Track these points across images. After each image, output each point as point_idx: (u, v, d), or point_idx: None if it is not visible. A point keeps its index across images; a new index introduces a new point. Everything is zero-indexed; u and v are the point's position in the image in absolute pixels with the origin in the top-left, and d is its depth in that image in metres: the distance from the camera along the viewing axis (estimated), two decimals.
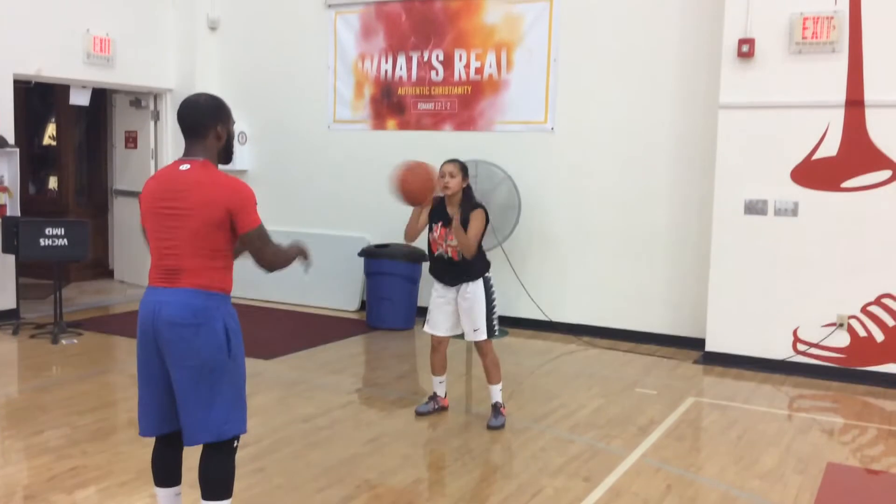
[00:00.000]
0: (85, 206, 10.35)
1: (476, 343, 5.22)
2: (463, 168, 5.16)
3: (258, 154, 9.46)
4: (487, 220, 5.13)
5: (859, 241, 6.40)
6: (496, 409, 5.25)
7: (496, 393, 5.26)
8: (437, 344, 5.31)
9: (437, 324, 5.25)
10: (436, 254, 5.20)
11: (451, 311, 5.21)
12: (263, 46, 9.35)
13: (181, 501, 3.41)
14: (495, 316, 5.22)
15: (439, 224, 5.15)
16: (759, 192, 6.69)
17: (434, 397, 5.45)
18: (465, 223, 5.04)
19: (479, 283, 5.16)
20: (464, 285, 5.13)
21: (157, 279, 3.16)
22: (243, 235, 3.13)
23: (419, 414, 5.36)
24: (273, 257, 3.24)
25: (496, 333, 5.24)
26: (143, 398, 3.24)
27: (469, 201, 5.15)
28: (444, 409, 5.46)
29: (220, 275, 3.13)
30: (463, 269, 5.12)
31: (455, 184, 5.09)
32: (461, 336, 5.34)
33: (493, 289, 5.22)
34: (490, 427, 5.15)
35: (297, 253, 3.42)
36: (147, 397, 3.22)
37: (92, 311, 8.55)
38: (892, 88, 6.25)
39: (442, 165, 5.16)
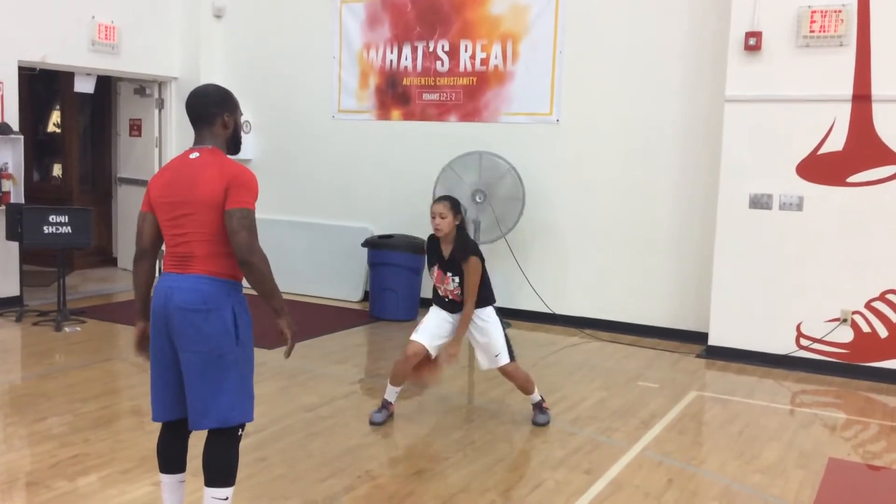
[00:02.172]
0: (89, 194, 10.35)
1: (501, 370, 5.02)
2: (454, 206, 4.89)
3: (262, 143, 9.45)
4: (482, 263, 4.95)
5: (864, 236, 6.38)
6: (539, 406, 5.16)
7: (535, 397, 5.16)
8: (412, 355, 4.95)
9: (428, 333, 4.97)
10: (439, 293, 5.05)
11: (448, 326, 5.00)
12: (268, 35, 9.33)
13: (185, 489, 3.42)
14: (509, 338, 5.05)
15: (436, 266, 5.00)
16: (764, 186, 6.66)
17: (387, 404, 5.11)
18: (459, 266, 4.88)
19: (489, 309, 5.00)
20: (477, 311, 4.95)
21: (170, 265, 3.20)
22: (228, 210, 3.04)
23: (374, 424, 5.01)
24: (249, 247, 3.04)
25: (515, 354, 5.05)
26: (155, 383, 3.26)
27: (462, 242, 4.92)
28: (391, 415, 5.15)
29: (230, 261, 3.14)
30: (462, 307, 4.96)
31: (446, 224, 4.85)
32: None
33: (506, 332, 5.06)
34: (536, 424, 5.09)
35: (284, 306, 3.23)
36: (159, 383, 3.24)
37: (95, 299, 8.56)
38: None
39: (432, 205, 4.94)
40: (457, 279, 4.93)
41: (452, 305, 5.01)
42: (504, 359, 4.98)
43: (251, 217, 3.09)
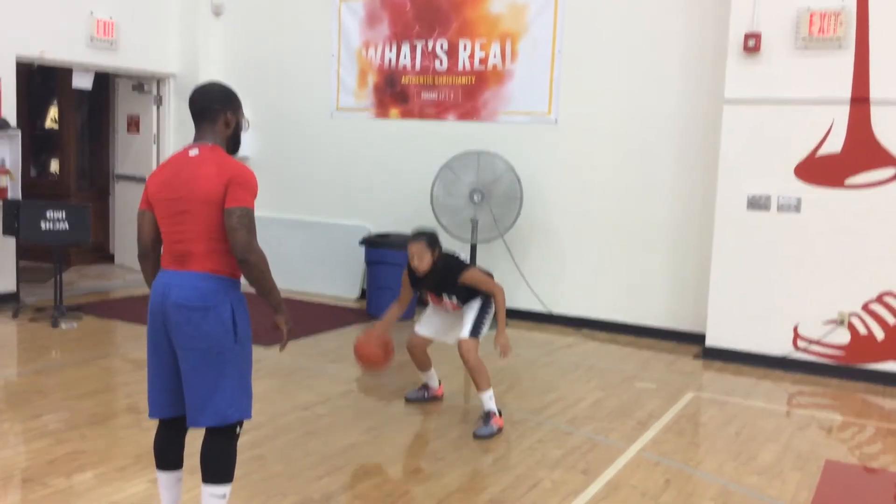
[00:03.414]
0: (86, 190, 10.33)
1: (459, 345, 4.93)
2: (430, 244, 4.85)
3: (260, 141, 9.44)
4: (471, 266, 5.03)
5: (862, 238, 6.38)
6: (488, 417, 4.91)
7: (486, 401, 4.91)
8: (413, 347, 5.21)
9: (428, 323, 5.19)
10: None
11: (447, 324, 5.16)
12: (267, 32, 9.32)
13: (181, 486, 3.41)
14: (484, 324, 5.01)
15: (428, 293, 5.07)
16: (762, 188, 6.67)
17: (426, 387, 5.42)
18: (452, 286, 4.90)
19: (478, 300, 5.02)
20: (471, 301, 5.04)
21: (168, 262, 3.19)
22: (228, 209, 3.04)
23: (408, 400, 5.33)
24: (248, 245, 3.04)
25: (478, 335, 4.94)
26: (152, 380, 3.26)
27: (446, 270, 4.89)
28: (437, 398, 5.40)
29: (229, 259, 3.13)
30: (466, 307, 5.05)
31: (425, 264, 4.85)
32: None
33: (488, 313, 5.05)
34: (476, 436, 4.82)
35: (282, 303, 3.26)
36: (156, 380, 3.24)
37: (92, 296, 8.55)
38: None
39: (409, 245, 4.91)
40: (454, 297, 4.99)
41: (456, 312, 5.13)
42: (464, 333, 4.91)
43: (250, 215, 3.08)
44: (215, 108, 3.22)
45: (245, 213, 3.06)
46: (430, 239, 4.91)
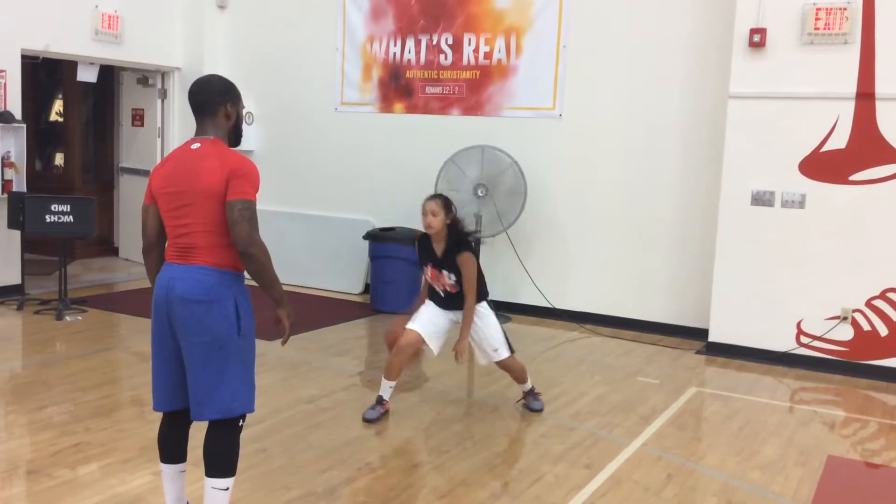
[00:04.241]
0: (91, 184, 10.35)
1: (500, 363, 5.07)
2: (446, 205, 4.90)
3: (265, 135, 9.44)
4: (476, 258, 4.99)
5: (866, 234, 6.38)
6: (532, 392, 5.27)
7: (527, 385, 5.27)
8: (405, 345, 4.92)
9: (423, 322, 4.96)
10: (436, 288, 5.05)
11: (442, 324, 5.02)
12: (272, 26, 9.31)
13: (185, 478, 3.43)
14: (507, 334, 5.12)
15: (429, 265, 4.99)
16: (766, 184, 6.66)
17: (381, 402, 5.04)
18: (453, 262, 4.89)
19: (483, 304, 5.03)
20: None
21: (172, 256, 3.20)
22: (230, 202, 3.03)
23: (367, 421, 4.93)
24: (250, 238, 3.03)
25: (512, 344, 5.12)
26: (156, 374, 3.27)
27: (455, 239, 4.91)
28: (387, 412, 5.09)
29: (233, 252, 3.14)
30: (460, 298, 4.95)
31: (438, 223, 4.85)
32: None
33: (501, 322, 5.14)
34: (532, 410, 5.21)
35: (284, 296, 3.25)
36: (160, 373, 3.25)
37: (96, 289, 8.57)
38: None
39: (424, 202, 4.92)
40: (453, 276, 4.94)
41: (449, 300, 5.01)
42: (504, 353, 5.04)
43: (252, 208, 3.08)
44: (215, 101, 3.22)
45: (246, 206, 3.06)
46: (446, 200, 4.96)
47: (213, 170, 3.08)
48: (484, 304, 5.06)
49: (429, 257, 5.01)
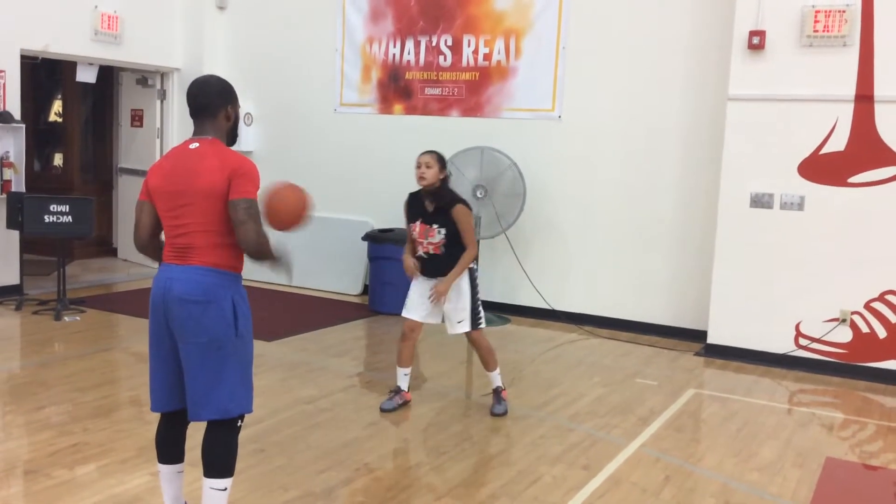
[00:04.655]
0: (90, 184, 10.35)
1: (469, 336, 5.11)
2: (440, 159, 4.99)
3: (264, 135, 9.45)
4: (470, 210, 5.00)
5: (864, 236, 6.38)
6: (497, 394, 5.24)
7: (495, 378, 5.24)
8: (409, 331, 5.10)
9: (414, 307, 5.06)
10: (417, 252, 5.05)
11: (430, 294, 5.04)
12: (271, 27, 9.32)
13: (182, 479, 3.42)
14: (479, 306, 5.09)
15: (418, 222, 5.00)
16: (765, 186, 6.66)
17: (398, 391, 5.21)
18: (445, 216, 4.92)
19: (464, 275, 5.02)
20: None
21: (169, 256, 3.19)
22: (232, 201, 3.05)
23: (385, 411, 5.10)
24: (257, 236, 3.06)
25: (481, 324, 5.09)
26: (153, 374, 3.27)
27: (447, 194, 4.97)
28: (407, 402, 5.25)
29: (230, 252, 3.14)
30: (445, 261, 4.95)
31: (431, 174, 4.92)
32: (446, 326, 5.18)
33: (478, 279, 5.10)
34: (494, 414, 5.15)
35: (282, 254, 3.25)
36: (158, 373, 3.25)
37: (95, 289, 8.57)
38: None
39: (419, 156, 5.00)
40: (443, 231, 4.93)
41: (434, 264, 4.98)
42: (465, 327, 5.04)
43: (256, 206, 3.10)
44: (216, 104, 3.23)
45: (251, 205, 3.07)
46: (440, 156, 5.04)
47: (212, 170, 3.09)
48: (465, 274, 5.01)
49: (419, 213, 5.02)
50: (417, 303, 5.07)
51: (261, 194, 3.17)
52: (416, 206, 5.07)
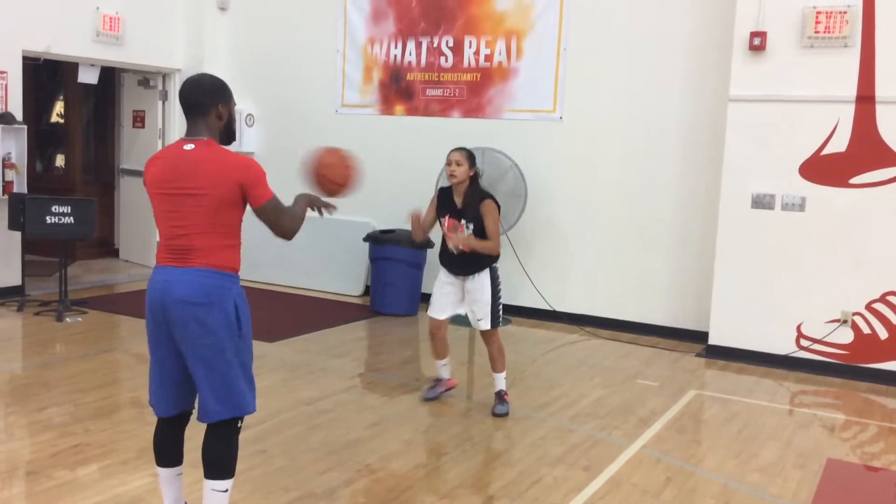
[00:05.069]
0: (92, 185, 10.36)
1: (483, 335, 5.26)
2: (470, 156, 5.13)
3: (265, 136, 9.45)
4: (499, 209, 5.15)
5: (866, 237, 6.38)
6: (500, 396, 5.27)
7: (500, 381, 5.29)
8: (436, 329, 5.31)
9: (440, 307, 5.25)
10: (447, 245, 5.15)
11: (455, 297, 5.23)
12: (273, 28, 9.32)
13: (182, 481, 3.43)
14: (500, 306, 5.24)
15: (448, 216, 5.15)
16: (766, 186, 6.66)
17: (438, 381, 5.46)
18: (474, 212, 5.05)
19: (486, 272, 5.15)
20: (471, 276, 5.14)
21: (166, 259, 3.17)
22: (258, 209, 3.17)
23: (428, 400, 5.37)
24: (291, 223, 3.27)
25: (500, 323, 5.25)
26: (156, 378, 3.26)
27: (476, 190, 5.14)
28: (452, 388, 5.51)
29: (230, 253, 3.15)
30: (472, 259, 5.10)
31: (461, 172, 5.07)
32: (466, 323, 5.33)
33: (500, 279, 5.24)
34: (495, 414, 5.18)
35: (307, 205, 3.45)
36: (160, 377, 3.25)
37: (97, 290, 8.58)
38: None
39: (449, 154, 5.15)
40: (471, 226, 5.08)
41: (460, 261, 5.11)
42: (486, 324, 5.17)
43: (278, 201, 3.22)
44: (207, 102, 3.21)
45: (275, 204, 3.21)
46: (470, 153, 5.16)
47: (214, 173, 3.07)
48: (487, 271, 5.14)
49: (448, 208, 5.16)
50: (442, 303, 5.24)
51: (305, 164, 3.53)
52: (446, 200, 5.21)
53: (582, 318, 7.83)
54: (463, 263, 5.13)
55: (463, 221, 5.10)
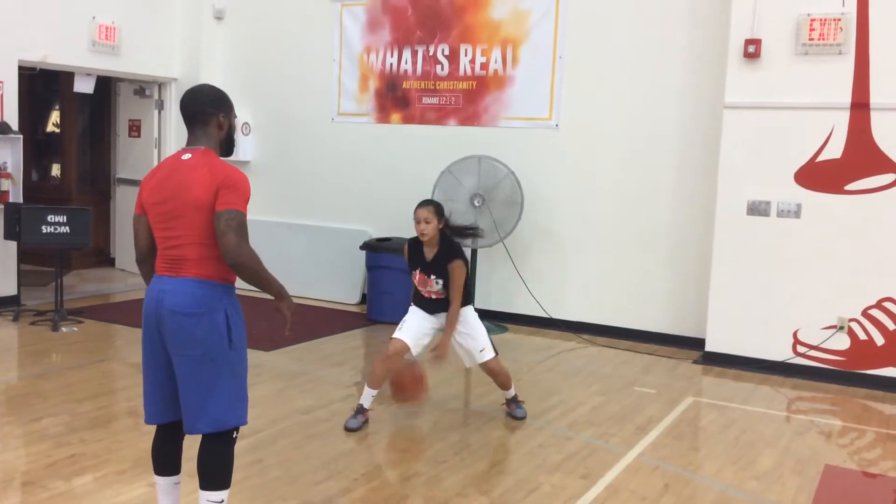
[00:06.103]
0: (87, 194, 10.35)
1: (485, 365, 5.12)
2: (438, 210, 4.99)
3: (262, 145, 9.46)
4: (466, 266, 5.06)
5: (861, 244, 6.39)
6: (514, 400, 5.31)
7: (511, 392, 5.31)
8: (393, 353, 4.94)
9: (412, 333, 5.00)
10: (421, 293, 5.10)
11: (428, 329, 5.09)
12: (269, 37, 9.34)
13: (180, 490, 3.41)
14: (491, 338, 5.22)
15: (418, 270, 5.06)
16: (762, 193, 6.68)
17: (362, 410, 5.00)
18: (443, 269, 4.96)
19: (468, 308, 5.13)
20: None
21: (161, 268, 3.17)
22: (215, 213, 3.01)
23: (350, 430, 4.90)
24: (237, 248, 2.99)
25: (496, 348, 5.19)
26: (147, 386, 3.25)
27: (447, 246, 5.01)
28: (367, 421, 5.03)
29: (222, 265, 3.11)
30: (446, 304, 5.02)
31: (430, 229, 4.94)
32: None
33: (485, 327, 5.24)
34: (516, 418, 5.23)
35: (279, 289, 3.23)
36: (152, 385, 3.23)
37: (93, 299, 8.56)
38: None
39: (416, 210, 5.00)
40: (441, 281, 5.00)
41: (434, 305, 5.08)
42: (489, 353, 5.10)
43: (239, 218, 3.03)
44: (207, 112, 3.20)
45: (233, 216, 3.01)
46: (438, 207, 5.04)
47: (202, 181, 3.06)
48: (470, 308, 5.14)
49: (418, 262, 5.07)
50: (412, 325, 5.06)
51: (395, 372, 4.01)
52: (415, 254, 5.11)
53: (579, 325, 7.83)
54: (438, 307, 5.06)
55: (432, 277, 5.00)
